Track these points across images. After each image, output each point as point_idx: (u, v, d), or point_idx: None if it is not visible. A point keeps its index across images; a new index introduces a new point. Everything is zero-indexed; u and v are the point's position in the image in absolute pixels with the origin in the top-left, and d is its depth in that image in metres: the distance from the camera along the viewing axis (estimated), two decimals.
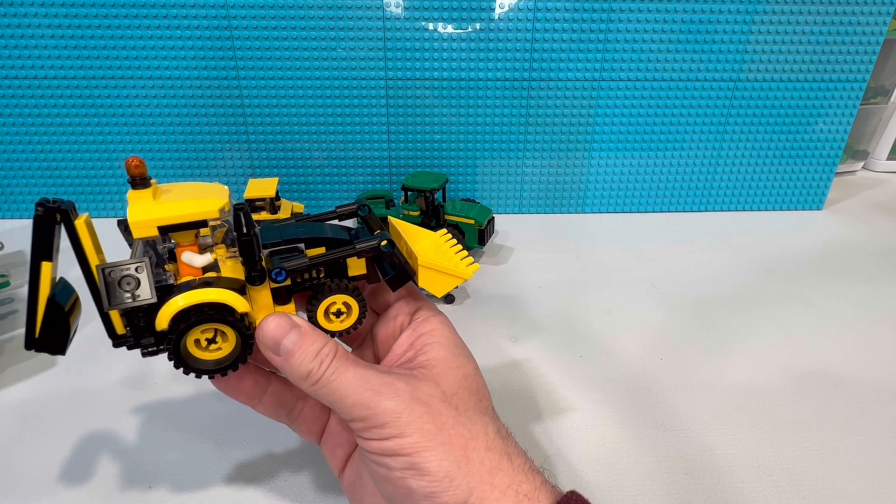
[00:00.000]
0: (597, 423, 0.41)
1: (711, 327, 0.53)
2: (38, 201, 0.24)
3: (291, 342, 0.27)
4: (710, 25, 0.70)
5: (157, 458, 0.38)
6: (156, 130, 0.72)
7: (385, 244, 0.29)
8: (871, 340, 0.51)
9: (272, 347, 0.27)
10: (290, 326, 0.27)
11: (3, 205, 0.75)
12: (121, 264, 0.25)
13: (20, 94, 0.69)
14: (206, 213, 0.25)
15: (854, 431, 0.41)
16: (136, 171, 0.25)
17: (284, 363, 0.27)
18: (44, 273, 0.25)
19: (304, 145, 0.74)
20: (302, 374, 0.26)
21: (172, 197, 0.26)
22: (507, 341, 0.50)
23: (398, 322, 0.32)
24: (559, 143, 0.76)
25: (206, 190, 0.27)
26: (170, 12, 0.66)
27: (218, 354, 0.27)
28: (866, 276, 0.63)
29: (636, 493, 0.36)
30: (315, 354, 0.26)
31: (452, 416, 0.26)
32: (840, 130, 0.77)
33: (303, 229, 0.30)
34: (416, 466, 0.25)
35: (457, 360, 0.29)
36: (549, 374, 0.46)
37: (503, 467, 0.25)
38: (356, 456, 0.31)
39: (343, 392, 0.26)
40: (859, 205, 0.83)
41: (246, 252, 0.26)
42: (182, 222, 0.25)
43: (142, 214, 0.25)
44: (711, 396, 0.44)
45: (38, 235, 0.25)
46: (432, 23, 0.68)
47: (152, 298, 0.25)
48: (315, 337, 0.27)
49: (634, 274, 0.62)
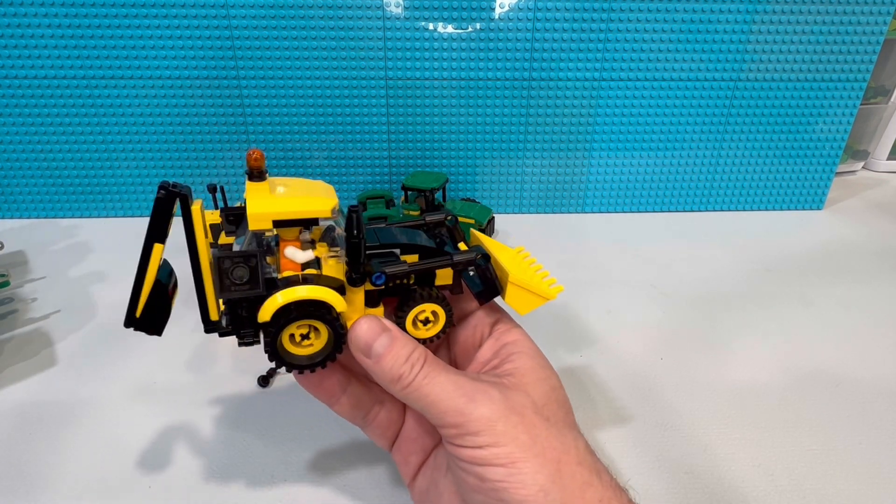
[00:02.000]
0: (597, 422, 0.41)
1: (711, 327, 0.53)
2: (160, 184, 0.24)
3: (382, 345, 0.27)
4: (710, 25, 0.70)
5: (156, 458, 0.38)
6: (156, 130, 0.72)
7: (481, 258, 0.30)
8: (871, 340, 0.51)
9: (364, 349, 0.27)
10: (382, 329, 0.27)
11: (3, 205, 0.75)
12: (235, 255, 0.25)
13: (20, 94, 0.69)
14: (321, 211, 0.26)
15: (854, 431, 0.41)
16: (255, 164, 0.25)
17: (375, 365, 0.27)
18: (154, 254, 0.25)
19: (304, 145, 0.74)
20: (393, 377, 0.26)
21: (288, 193, 0.26)
22: None
23: (478, 331, 0.32)
24: (559, 142, 0.76)
25: (317, 188, 0.27)
26: (170, 12, 0.66)
27: (309, 350, 0.28)
28: (866, 276, 0.63)
29: (636, 493, 0.36)
30: (406, 358, 0.26)
31: (545, 428, 0.26)
32: (840, 130, 0.77)
33: (400, 235, 0.30)
34: (511, 477, 0.24)
35: (544, 372, 0.29)
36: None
37: (594, 483, 0.25)
38: (430, 464, 0.31)
39: (436, 397, 0.26)
40: (859, 205, 0.83)
41: (353, 254, 0.26)
42: (297, 218, 0.26)
43: (260, 207, 0.25)
44: (711, 396, 0.44)
45: (156, 217, 0.25)
46: (432, 23, 0.68)
47: (262, 291, 0.26)
48: (405, 341, 0.27)
49: (634, 274, 0.62)
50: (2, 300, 0.53)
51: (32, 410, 0.42)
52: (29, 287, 0.58)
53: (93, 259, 0.64)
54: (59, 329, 0.51)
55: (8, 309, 0.53)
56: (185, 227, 0.25)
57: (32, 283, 0.58)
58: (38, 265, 0.62)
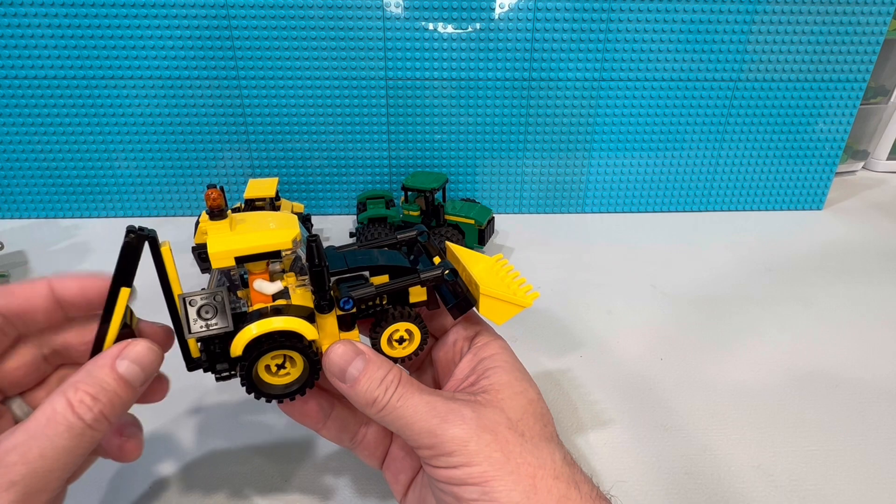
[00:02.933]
0: (597, 423, 0.41)
1: (712, 327, 0.53)
2: (127, 227, 0.25)
3: (357, 369, 0.27)
4: (710, 25, 0.70)
5: (156, 458, 0.38)
6: (156, 130, 0.72)
7: (448, 273, 0.30)
8: (871, 340, 0.51)
9: (338, 374, 0.27)
10: (356, 354, 0.27)
11: (3, 205, 0.75)
12: (201, 294, 0.26)
13: (20, 94, 0.69)
14: (279, 244, 0.26)
15: (854, 431, 0.41)
16: (213, 204, 0.26)
17: (350, 390, 0.27)
18: (121, 298, 0.26)
19: (304, 145, 0.74)
20: (368, 400, 0.27)
21: (248, 228, 0.27)
22: (507, 341, 0.50)
23: (458, 347, 0.32)
24: (559, 143, 0.76)
25: (278, 221, 0.28)
26: (170, 12, 0.66)
27: (287, 379, 0.28)
28: (866, 276, 0.63)
29: (636, 493, 0.36)
30: (380, 381, 0.27)
31: (519, 444, 0.26)
32: (840, 130, 0.77)
33: (367, 257, 0.30)
34: (485, 496, 0.24)
35: (520, 385, 0.29)
36: (549, 374, 0.46)
37: (571, 496, 0.25)
38: (419, 481, 0.31)
39: (409, 419, 0.26)
40: (859, 205, 0.83)
41: (317, 282, 0.27)
42: (258, 253, 0.26)
43: (220, 246, 0.25)
44: (712, 396, 0.44)
45: (123, 261, 0.25)
46: (432, 23, 0.68)
47: (229, 327, 0.26)
48: (380, 363, 0.27)
49: (635, 274, 0.62)
50: None
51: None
52: None
53: (93, 259, 0.64)
54: None
55: None
56: (158, 269, 0.25)
57: None
58: (38, 265, 0.62)
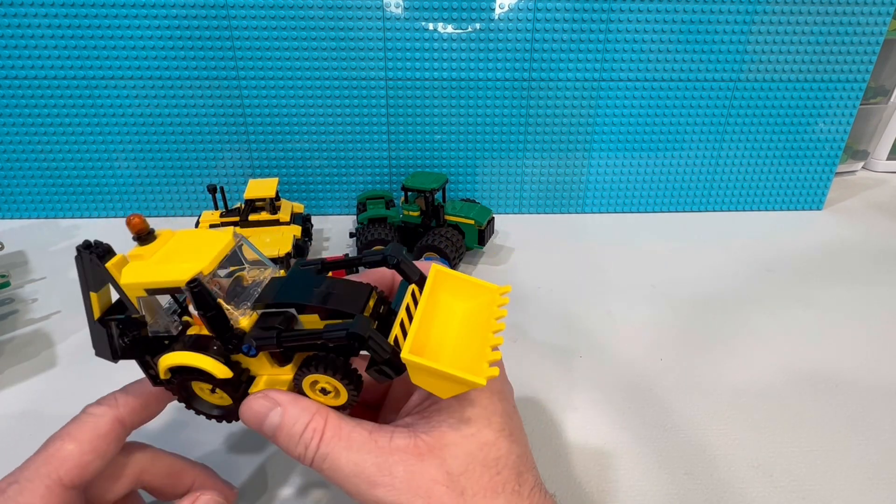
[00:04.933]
0: (597, 423, 0.41)
1: (711, 327, 0.53)
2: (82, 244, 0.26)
3: (272, 426, 0.25)
4: (710, 25, 0.70)
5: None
6: (156, 130, 0.72)
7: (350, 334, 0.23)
8: (871, 340, 0.51)
9: (256, 429, 0.26)
10: (271, 407, 0.25)
11: (3, 205, 0.75)
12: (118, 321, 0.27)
13: (20, 94, 0.69)
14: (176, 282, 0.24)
15: (854, 431, 0.41)
16: (135, 230, 0.25)
17: (275, 441, 0.26)
18: (94, 300, 0.27)
19: (304, 145, 0.74)
20: (294, 456, 0.25)
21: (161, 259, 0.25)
22: (508, 341, 0.50)
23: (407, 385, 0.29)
24: (559, 143, 0.76)
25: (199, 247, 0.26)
26: (170, 12, 0.66)
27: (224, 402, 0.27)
28: (866, 276, 0.63)
29: (636, 493, 0.36)
30: (299, 436, 0.25)
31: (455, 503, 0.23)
32: (840, 130, 0.77)
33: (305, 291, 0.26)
34: None
35: (474, 426, 0.25)
36: (549, 375, 0.46)
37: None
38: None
39: (337, 479, 0.24)
40: (859, 205, 0.83)
41: (214, 327, 0.25)
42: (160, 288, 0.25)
43: (130, 277, 0.25)
44: (711, 396, 0.44)
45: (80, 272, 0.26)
46: (432, 23, 0.68)
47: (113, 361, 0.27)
48: (298, 415, 0.25)
49: (634, 274, 0.62)
50: (2, 301, 0.53)
51: (32, 412, 0.42)
52: (29, 288, 0.58)
53: None
54: (60, 330, 0.51)
55: (8, 310, 0.53)
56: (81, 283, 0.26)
57: (33, 284, 0.58)
58: (39, 266, 0.62)
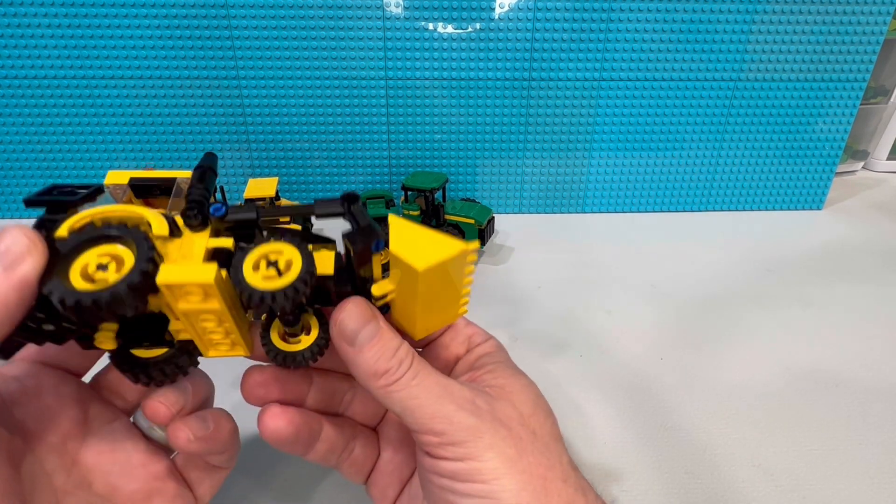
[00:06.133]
0: (597, 422, 0.41)
1: (711, 327, 0.53)
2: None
3: (369, 334, 0.24)
4: (710, 25, 0.70)
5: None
6: (156, 130, 0.72)
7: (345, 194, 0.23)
8: (871, 340, 0.51)
9: (349, 336, 0.24)
10: (371, 316, 0.24)
11: (3, 205, 0.75)
12: None
13: (20, 94, 0.69)
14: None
15: (854, 431, 0.41)
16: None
17: (357, 356, 0.24)
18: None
19: (304, 145, 0.74)
20: (377, 371, 0.23)
21: None
22: (507, 341, 0.50)
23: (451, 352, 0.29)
24: (559, 143, 0.76)
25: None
26: (170, 12, 0.66)
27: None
28: (866, 276, 0.63)
29: (636, 492, 0.36)
30: (394, 352, 0.24)
31: (531, 442, 0.24)
32: (840, 130, 0.77)
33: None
34: (491, 496, 0.22)
35: (526, 379, 0.27)
36: (549, 374, 0.46)
37: (578, 502, 0.23)
38: (407, 492, 0.29)
39: (422, 399, 0.23)
40: (859, 205, 0.83)
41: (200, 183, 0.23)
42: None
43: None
44: (711, 396, 0.44)
45: None
46: (432, 23, 0.68)
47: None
48: (393, 334, 0.24)
49: (634, 274, 0.62)
50: None
51: None
52: None
53: None
54: None
55: None
56: None
57: None
58: None
